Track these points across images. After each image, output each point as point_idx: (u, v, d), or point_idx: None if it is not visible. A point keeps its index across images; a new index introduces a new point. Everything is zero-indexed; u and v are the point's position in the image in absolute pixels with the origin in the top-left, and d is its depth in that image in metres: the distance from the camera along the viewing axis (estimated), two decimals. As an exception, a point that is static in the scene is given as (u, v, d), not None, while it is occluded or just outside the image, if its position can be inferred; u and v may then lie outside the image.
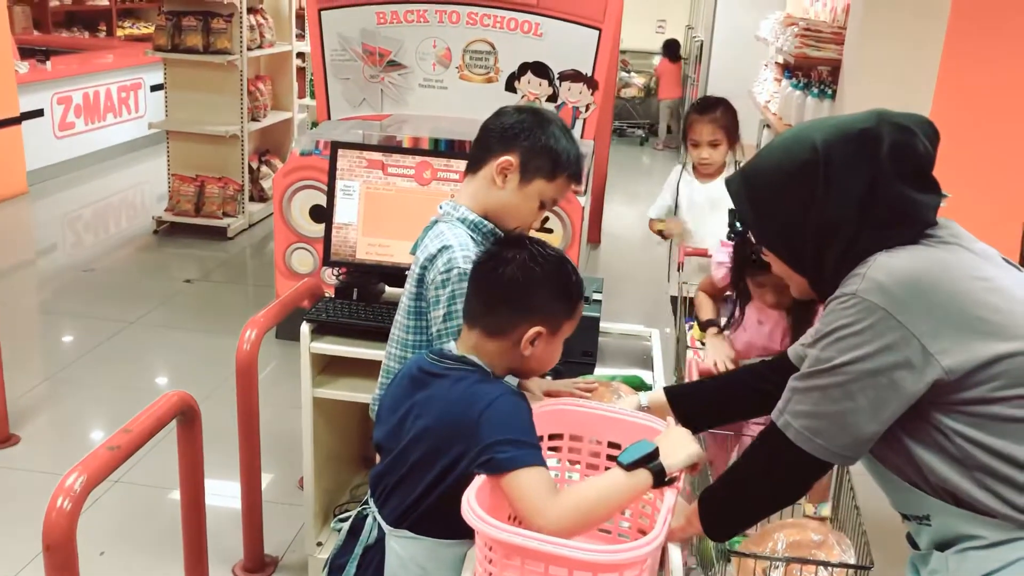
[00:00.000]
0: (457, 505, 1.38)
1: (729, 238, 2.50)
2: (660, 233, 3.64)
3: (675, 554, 1.56)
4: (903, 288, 1.34)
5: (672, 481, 1.49)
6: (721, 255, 2.61)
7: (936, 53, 4.30)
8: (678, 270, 3.27)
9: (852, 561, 1.77)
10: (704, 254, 3.10)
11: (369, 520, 1.67)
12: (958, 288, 1.34)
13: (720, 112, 3.35)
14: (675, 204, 3.55)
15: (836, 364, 1.38)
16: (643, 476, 1.46)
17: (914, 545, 1.53)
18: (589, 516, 1.44)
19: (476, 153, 1.97)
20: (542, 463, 1.47)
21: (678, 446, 1.52)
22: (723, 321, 2.60)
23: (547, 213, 3.87)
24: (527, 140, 1.90)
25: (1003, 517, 1.35)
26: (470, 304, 1.66)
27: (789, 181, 1.44)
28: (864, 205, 1.40)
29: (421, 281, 1.93)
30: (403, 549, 1.60)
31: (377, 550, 1.65)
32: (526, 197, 1.92)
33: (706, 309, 2.67)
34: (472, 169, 1.97)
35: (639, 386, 2.20)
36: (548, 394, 1.95)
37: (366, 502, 1.71)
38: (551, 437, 1.71)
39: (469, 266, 1.76)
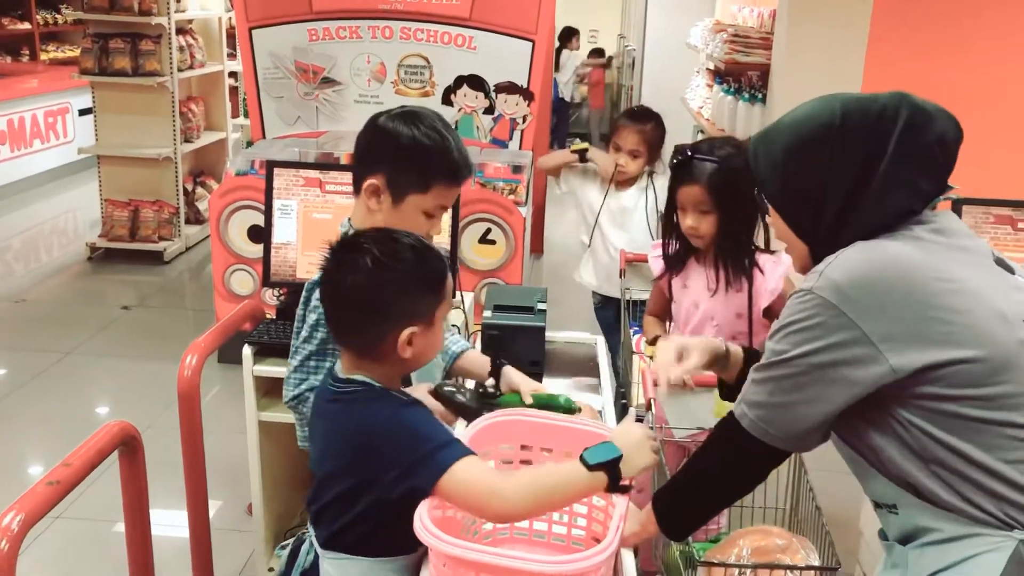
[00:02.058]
0: (387, 525, 1.37)
1: (673, 159, 2.51)
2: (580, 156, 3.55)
3: (628, 561, 1.56)
4: (856, 287, 1.37)
5: (626, 489, 1.49)
6: (656, 251, 2.66)
7: (860, 55, 4.42)
8: (620, 276, 3.31)
9: (816, 563, 1.79)
10: (643, 259, 3.13)
11: (306, 544, 1.65)
12: (916, 289, 1.36)
13: (651, 127, 3.39)
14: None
15: (788, 357, 1.42)
16: (601, 478, 1.45)
17: (884, 536, 1.55)
18: (544, 501, 1.44)
19: (353, 170, 1.86)
20: (471, 452, 1.44)
21: (638, 453, 1.51)
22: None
23: (489, 222, 3.88)
24: (388, 156, 1.78)
25: (958, 511, 1.37)
26: (331, 325, 1.59)
27: (804, 139, 1.47)
28: (865, 175, 1.43)
29: (307, 304, 1.86)
30: (336, 570, 1.57)
31: (313, 573, 1.61)
32: (404, 214, 1.80)
33: (653, 328, 2.71)
34: (355, 189, 1.86)
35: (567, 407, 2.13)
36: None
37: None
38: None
39: None
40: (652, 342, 2.64)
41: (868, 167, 1.43)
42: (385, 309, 1.49)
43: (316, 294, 1.76)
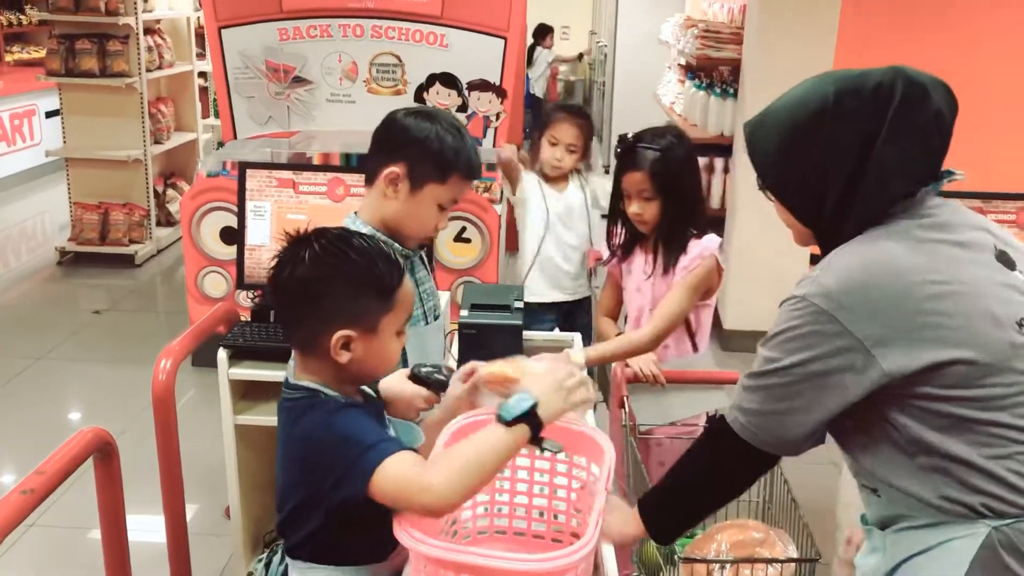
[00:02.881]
0: (347, 535, 1.34)
1: (618, 147, 2.61)
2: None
3: (609, 556, 1.57)
4: (850, 293, 1.36)
5: (540, 442, 1.40)
6: (603, 243, 2.77)
7: (830, 48, 4.46)
8: (589, 276, 3.31)
9: (795, 555, 1.81)
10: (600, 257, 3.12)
11: (277, 555, 1.64)
12: (911, 293, 1.35)
13: (586, 121, 3.34)
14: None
15: (782, 366, 1.41)
16: (522, 431, 1.37)
17: (865, 521, 1.56)
18: (473, 477, 1.35)
19: (369, 163, 1.94)
20: (397, 449, 1.39)
21: (555, 396, 1.41)
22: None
23: (465, 221, 3.87)
24: (411, 147, 1.86)
25: (936, 508, 1.39)
26: (275, 318, 1.58)
27: (799, 126, 1.44)
28: (863, 158, 1.40)
29: None
30: None
31: None
32: (420, 204, 1.89)
33: (609, 328, 2.75)
34: (368, 181, 1.94)
35: None
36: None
37: None
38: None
39: None
40: None
41: (865, 149, 1.39)
42: (316, 304, 1.46)
43: None
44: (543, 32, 11.42)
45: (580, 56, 12.52)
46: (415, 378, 1.74)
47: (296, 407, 1.49)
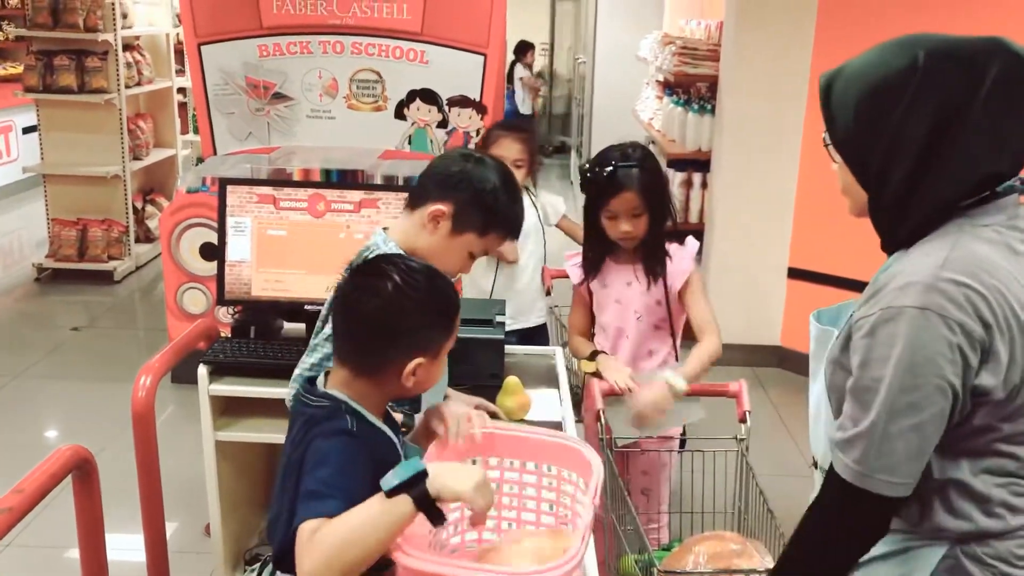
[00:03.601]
0: None
1: (582, 186, 2.60)
2: None
3: (591, 568, 1.57)
4: (959, 292, 1.25)
5: (440, 518, 1.31)
6: (571, 261, 2.75)
7: (806, 65, 4.51)
8: (547, 294, 3.30)
9: (772, 566, 1.82)
10: (564, 275, 3.08)
11: (268, 568, 1.63)
12: (1009, 305, 1.26)
13: (528, 134, 3.25)
14: None
15: (919, 387, 1.28)
16: (403, 504, 1.28)
17: None
18: (343, 558, 1.27)
19: (416, 192, 1.95)
20: (318, 514, 1.32)
21: (453, 474, 1.32)
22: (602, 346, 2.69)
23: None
24: (464, 192, 1.88)
25: (913, 525, 1.38)
26: (337, 341, 1.55)
27: (881, 82, 1.33)
28: (942, 133, 1.28)
29: None
30: None
31: None
32: (455, 247, 1.90)
33: (583, 346, 2.73)
34: (410, 206, 1.95)
35: None
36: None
37: None
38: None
39: None
40: (591, 358, 2.66)
41: (948, 120, 1.28)
42: (399, 337, 1.48)
43: None
44: (523, 49, 11.48)
45: (539, 75, 12.55)
46: None
47: (312, 415, 1.48)
